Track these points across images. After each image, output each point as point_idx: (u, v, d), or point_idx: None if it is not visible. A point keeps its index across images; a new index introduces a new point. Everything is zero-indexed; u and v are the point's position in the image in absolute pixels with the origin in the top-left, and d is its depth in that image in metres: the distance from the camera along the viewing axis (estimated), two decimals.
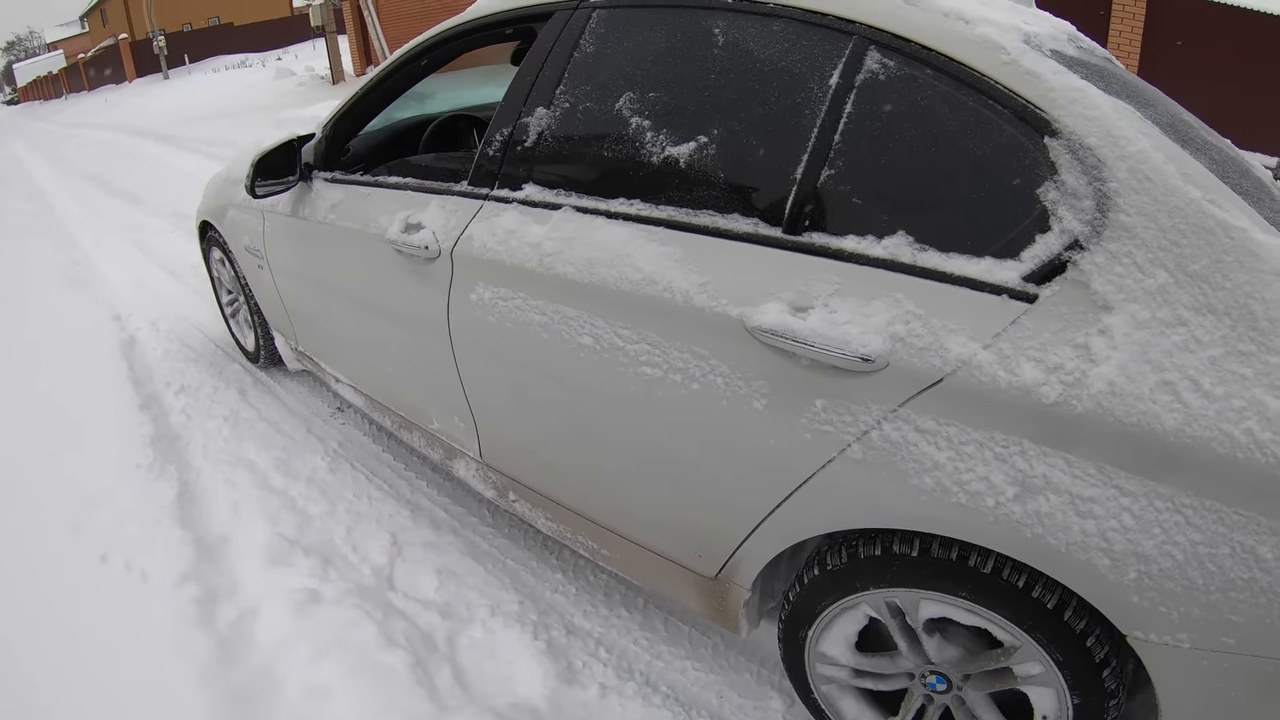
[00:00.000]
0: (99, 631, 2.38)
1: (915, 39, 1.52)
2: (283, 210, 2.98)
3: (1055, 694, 1.51)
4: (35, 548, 2.80)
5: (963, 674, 1.64)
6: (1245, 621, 1.24)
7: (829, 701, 1.87)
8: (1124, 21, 8.76)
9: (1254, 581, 1.22)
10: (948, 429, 1.39)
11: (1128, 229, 1.29)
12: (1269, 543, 1.21)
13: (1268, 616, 1.23)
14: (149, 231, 7.43)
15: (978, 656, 1.61)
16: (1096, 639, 1.41)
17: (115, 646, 2.32)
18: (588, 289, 1.83)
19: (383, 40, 15.12)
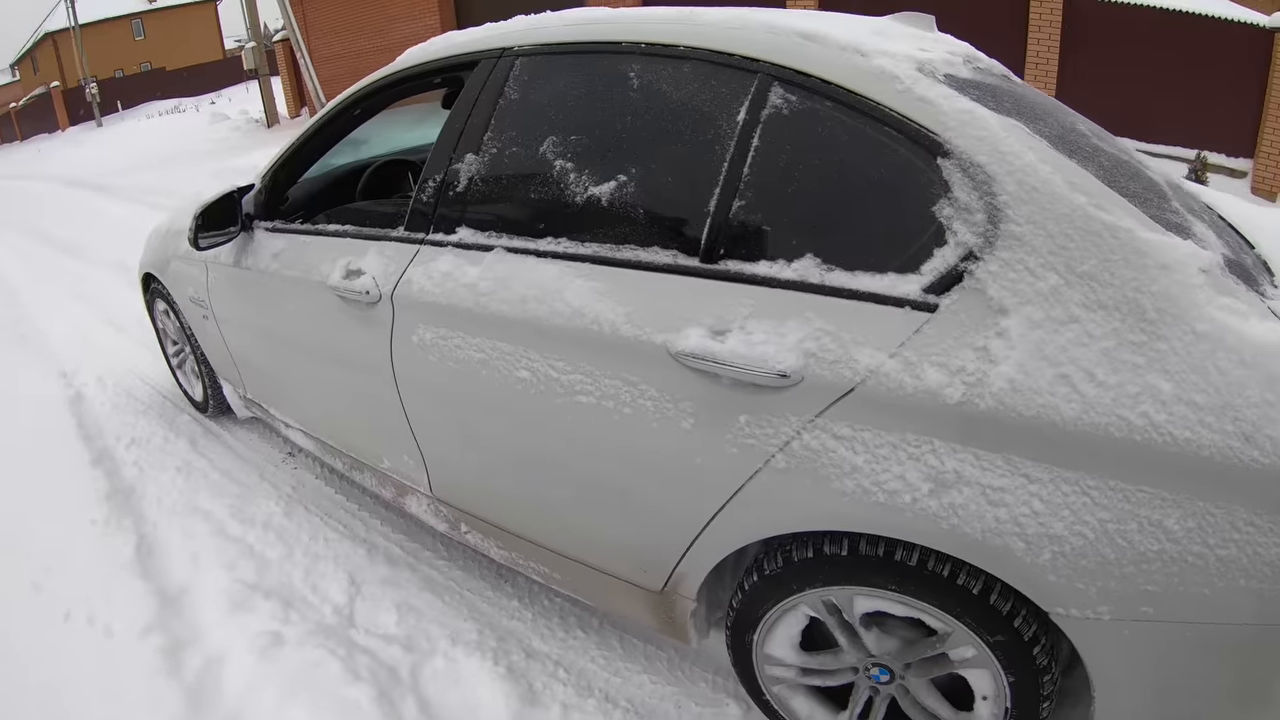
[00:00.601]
0: (69, 688, 2.40)
1: (815, 73, 1.64)
2: (226, 260, 3.03)
3: (991, 675, 1.61)
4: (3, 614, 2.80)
5: (903, 663, 1.73)
6: (1161, 591, 1.34)
7: (781, 702, 1.95)
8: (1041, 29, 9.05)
9: (1164, 552, 1.32)
10: (863, 434, 1.49)
11: (1018, 237, 1.40)
12: (1174, 515, 1.31)
13: (1181, 584, 1.32)
14: (90, 283, 7.37)
15: (915, 645, 1.70)
16: (1024, 619, 1.50)
17: (86, 701, 2.35)
18: (522, 325, 1.92)
19: (316, 82, 15.08)
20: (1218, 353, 1.30)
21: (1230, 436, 1.27)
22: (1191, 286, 1.33)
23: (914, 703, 1.78)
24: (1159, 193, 1.69)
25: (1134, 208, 1.43)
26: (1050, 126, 1.67)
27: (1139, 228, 1.37)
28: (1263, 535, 1.28)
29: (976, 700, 1.68)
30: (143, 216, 10.13)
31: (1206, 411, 1.28)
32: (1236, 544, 1.29)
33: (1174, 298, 1.32)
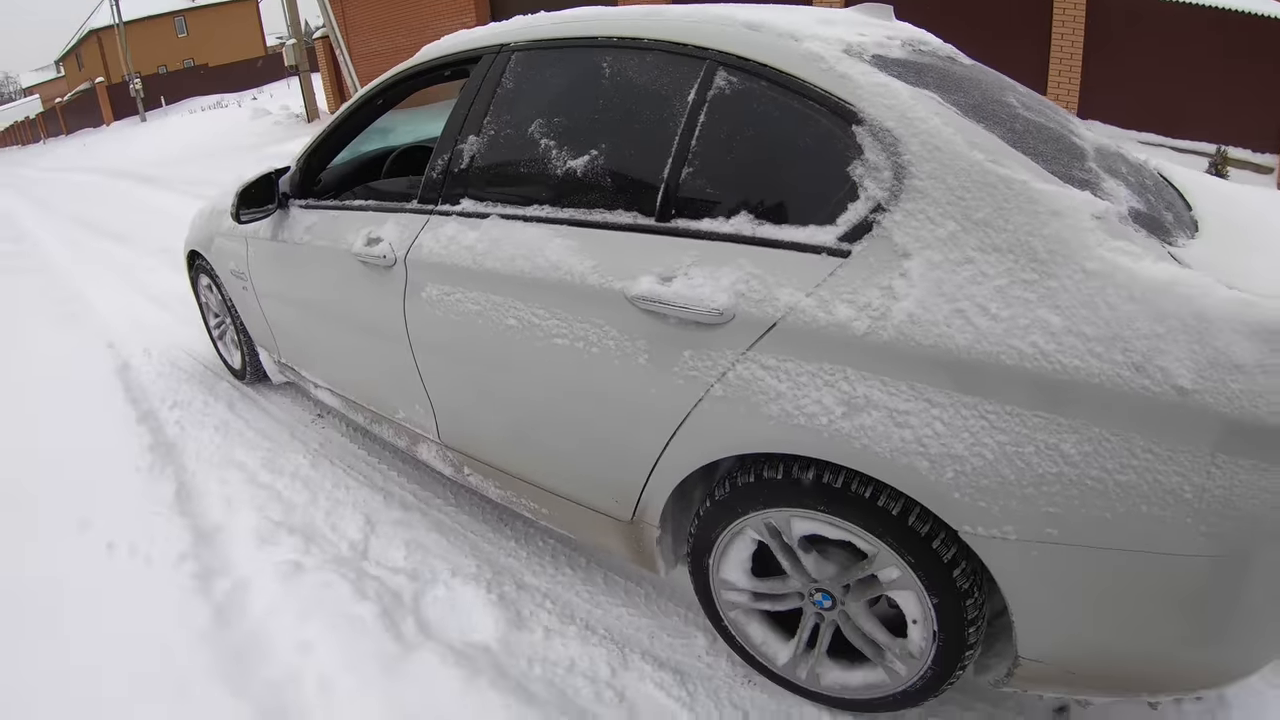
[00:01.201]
0: (109, 605, 2.75)
1: (753, 58, 1.93)
2: (264, 235, 3.40)
3: (915, 596, 1.78)
4: (48, 542, 3.17)
5: (841, 586, 1.95)
6: (1062, 513, 1.49)
7: (738, 628, 2.20)
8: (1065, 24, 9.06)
9: (1062, 475, 1.47)
10: (785, 364, 1.75)
11: (920, 191, 1.65)
12: (1070, 440, 1.46)
13: (1082, 507, 1.47)
14: (136, 268, 7.81)
15: (849, 570, 1.92)
16: (942, 541, 1.68)
17: (124, 616, 2.69)
18: (510, 279, 2.24)
19: (355, 77, 15.58)
20: (1107, 289, 1.45)
21: (1120, 366, 1.41)
22: (1082, 230, 1.51)
23: (855, 629, 2.00)
24: (1076, 154, 1.90)
25: (1034, 164, 1.64)
26: (970, 97, 1.91)
27: (1033, 179, 1.58)
28: (1161, 463, 1.41)
29: (909, 625, 1.87)
30: (186, 206, 10.59)
31: (1096, 342, 1.43)
32: (1135, 470, 1.43)
33: (1064, 240, 1.51)
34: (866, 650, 2.00)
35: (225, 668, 2.43)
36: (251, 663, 2.45)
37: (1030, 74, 8.72)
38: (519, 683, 2.28)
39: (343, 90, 20.26)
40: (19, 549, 3.16)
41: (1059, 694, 1.80)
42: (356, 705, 2.24)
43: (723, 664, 2.31)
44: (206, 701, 2.32)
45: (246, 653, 2.49)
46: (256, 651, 2.49)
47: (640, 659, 2.35)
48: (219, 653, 2.49)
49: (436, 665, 2.34)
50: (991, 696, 2.12)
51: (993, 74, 2.33)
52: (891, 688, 1.97)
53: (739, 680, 2.26)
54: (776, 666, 2.16)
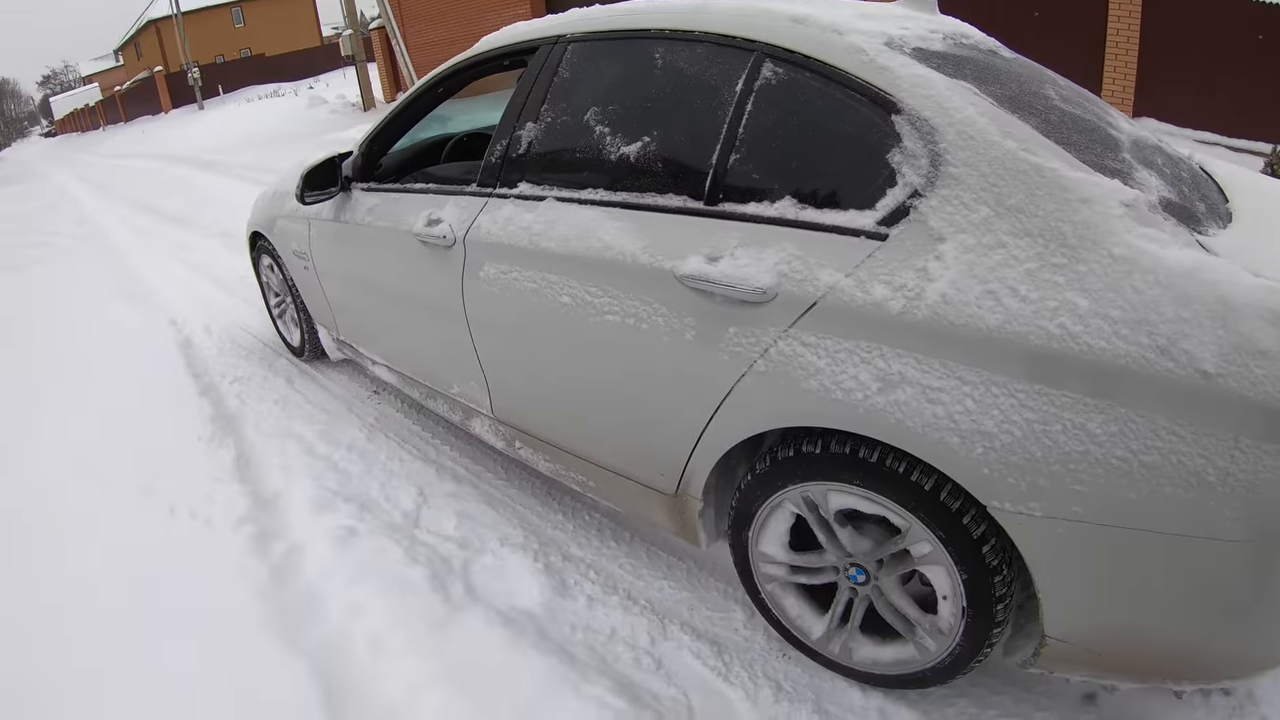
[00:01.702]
0: (170, 565, 2.93)
1: (799, 50, 2.02)
2: (326, 216, 3.56)
3: (946, 571, 1.84)
4: (113, 507, 3.36)
5: (875, 561, 2.01)
6: (1088, 491, 1.53)
7: (774, 601, 2.28)
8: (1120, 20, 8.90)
9: (1088, 454, 1.52)
10: (824, 341, 1.83)
11: (955, 177, 1.73)
12: (1096, 419, 1.51)
13: (1108, 486, 1.51)
14: (197, 250, 8.07)
15: (882, 545, 1.99)
16: (972, 518, 1.73)
17: (184, 574, 2.86)
18: (565, 258, 2.36)
19: (411, 68, 15.84)
20: (1134, 274, 1.50)
21: (1146, 349, 1.46)
22: (1111, 217, 1.56)
23: (887, 604, 2.06)
24: (1110, 145, 1.95)
25: (1066, 153, 1.71)
26: (1007, 89, 1.99)
27: (1064, 167, 1.65)
28: (1185, 445, 1.45)
29: (939, 601, 1.93)
30: (244, 191, 10.88)
31: (1122, 325, 1.48)
32: (1159, 451, 1.46)
33: (1093, 225, 1.57)
34: (898, 625, 2.06)
35: (280, 624, 2.58)
36: (305, 620, 2.60)
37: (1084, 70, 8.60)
38: (561, 646, 2.39)
39: (398, 80, 20.61)
40: (90, 511, 3.35)
41: (1085, 677, 1.84)
42: (404, 660, 2.37)
43: (759, 638, 2.40)
44: (261, 655, 2.46)
45: (300, 611, 2.64)
46: (310, 610, 2.64)
47: (679, 630, 2.44)
48: (274, 610, 2.65)
49: (482, 627, 2.46)
50: (1021, 682, 2.17)
51: (1034, 67, 2.40)
52: (921, 664, 2.03)
53: (774, 654, 2.34)
54: (810, 640, 2.23)
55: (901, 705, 2.14)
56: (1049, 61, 2.56)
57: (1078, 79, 2.56)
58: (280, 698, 2.31)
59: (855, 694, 2.19)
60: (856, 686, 2.20)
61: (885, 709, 2.14)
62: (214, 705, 2.31)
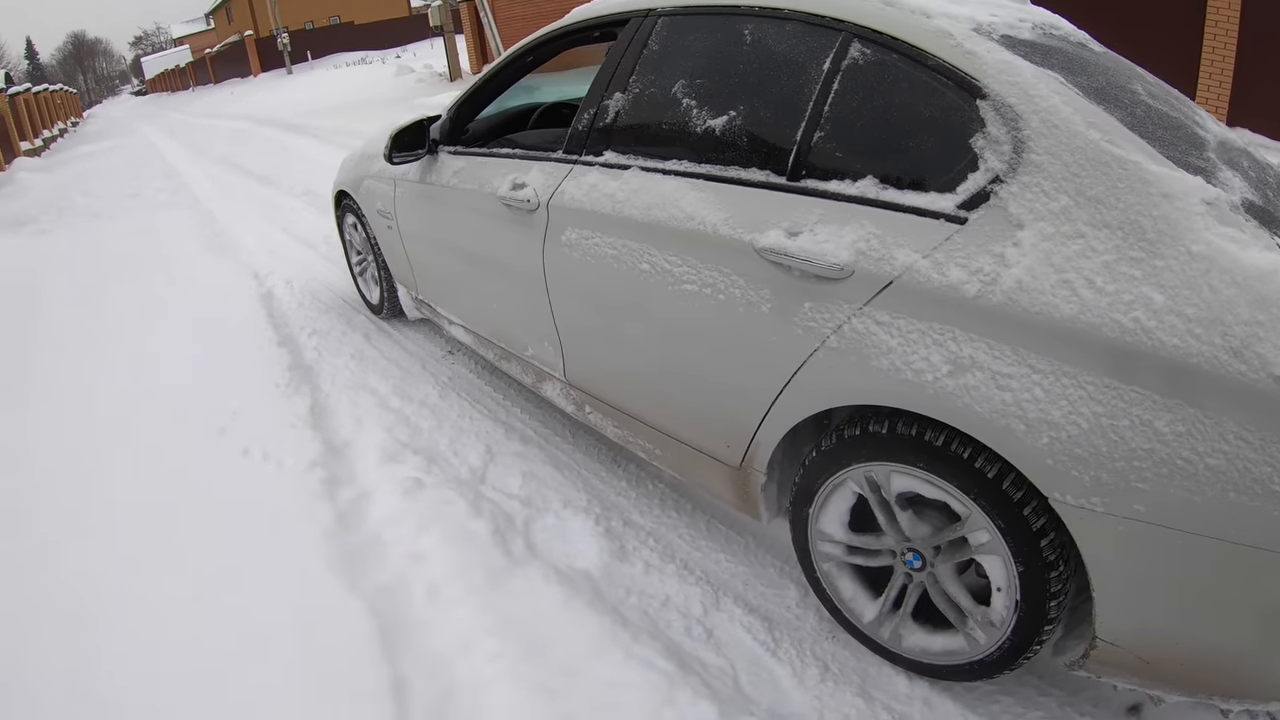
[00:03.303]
0: (239, 502, 3.08)
1: (886, 31, 2.05)
2: (412, 178, 3.68)
3: (1002, 562, 1.85)
4: (189, 445, 3.53)
5: (932, 547, 2.04)
6: (1151, 490, 1.53)
7: (829, 580, 2.31)
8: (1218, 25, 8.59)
9: (1154, 452, 1.52)
10: (898, 321, 1.87)
11: (1038, 165, 1.74)
12: (1164, 418, 1.50)
13: (1170, 486, 1.51)
14: (281, 208, 8.32)
15: (941, 531, 2.01)
16: (1033, 510, 1.74)
17: (253, 511, 3.01)
18: (647, 226, 2.42)
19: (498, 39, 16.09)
20: (1211, 273, 1.49)
21: (1219, 349, 1.44)
22: (1191, 214, 1.56)
23: (941, 592, 2.08)
24: (1195, 144, 1.96)
25: (1149, 147, 1.71)
26: (1093, 81, 2.00)
27: (1147, 161, 1.66)
28: (1253, 451, 1.43)
29: (993, 593, 1.95)
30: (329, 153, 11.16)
31: (1196, 324, 1.47)
32: (1225, 455, 1.45)
33: (1173, 221, 1.56)
34: (950, 614, 2.07)
35: (342, 566, 2.69)
36: (367, 563, 2.71)
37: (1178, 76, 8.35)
38: (615, 607, 2.47)
39: (485, 51, 20.85)
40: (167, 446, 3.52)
41: (1132, 685, 1.83)
42: (460, 608, 2.47)
43: (810, 617, 2.44)
44: (323, 592, 2.58)
45: (363, 554, 2.76)
46: (372, 554, 2.75)
47: (732, 603, 2.49)
48: (338, 552, 2.76)
49: (540, 582, 2.55)
50: (1067, 686, 2.17)
51: (1123, 62, 2.40)
52: (969, 655, 2.05)
53: (824, 635, 2.38)
54: (862, 623, 2.26)
55: (946, 697, 2.16)
56: (1139, 63, 2.54)
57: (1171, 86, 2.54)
58: (338, 635, 2.42)
59: (901, 681, 2.21)
60: (902, 674, 2.23)
61: (930, 699, 2.16)
62: (275, 636, 2.43)
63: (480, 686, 2.21)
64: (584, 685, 2.20)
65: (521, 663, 2.26)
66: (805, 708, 2.15)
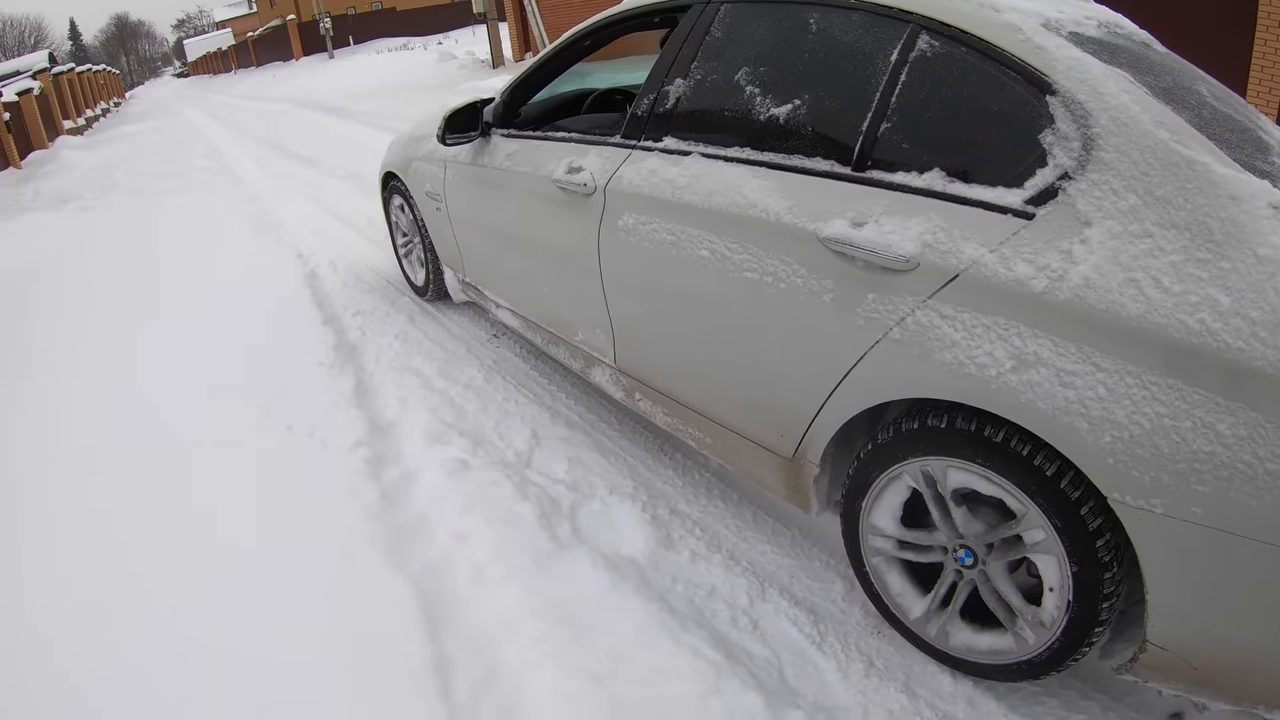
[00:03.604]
0: (283, 477, 3.12)
1: (955, 24, 2.04)
2: (463, 159, 3.69)
3: (1056, 562, 1.83)
4: (232, 420, 3.57)
5: (985, 545, 2.02)
6: (1210, 493, 1.52)
7: (877, 575, 2.30)
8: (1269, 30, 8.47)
9: (1214, 455, 1.51)
10: (963, 314, 1.85)
11: (1106, 163, 1.73)
12: (1226, 421, 1.49)
13: (1230, 490, 1.49)
14: (324, 190, 8.40)
15: (995, 529, 2.00)
16: (1090, 510, 1.73)
17: (296, 487, 3.05)
18: (707, 213, 2.41)
19: (542, 28, 16.15)
20: (1277, 276, 1.49)
21: None
22: (1259, 217, 1.55)
23: (991, 590, 2.07)
24: (1261, 148, 1.94)
25: (1217, 149, 1.70)
26: (1160, 81, 1.98)
27: (1215, 163, 1.65)
28: None
29: (1045, 593, 1.93)
30: (372, 137, 11.24)
31: (1261, 327, 1.46)
32: None
33: (1240, 224, 1.57)
34: (999, 613, 2.06)
35: (387, 543, 2.73)
36: (411, 542, 2.74)
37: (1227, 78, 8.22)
38: (661, 595, 2.47)
39: (528, 38, 20.93)
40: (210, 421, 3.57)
41: (1178, 691, 1.81)
42: (505, 589, 2.48)
43: (856, 612, 2.43)
44: (367, 569, 2.61)
45: (408, 533, 2.78)
46: (417, 533, 2.78)
47: (778, 595, 2.49)
48: (382, 530, 2.79)
49: (586, 566, 2.55)
50: (1112, 690, 2.15)
51: (1185, 64, 2.37)
52: (1016, 655, 2.04)
53: (869, 630, 2.37)
54: (909, 620, 2.25)
55: (990, 697, 2.15)
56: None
57: None
58: (381, 611, 2.45)
59: (945, 679, 2.20)
60: (947, 672, 2.22)
61: (973, 698, 2.15)
62: (317, 609, 2.47)
63: (524, 667, 2.22)
64: (630, 670, 2.20)
65: (567, 646, 2.27)
66: (850, 702, 2.15)
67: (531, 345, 4.00)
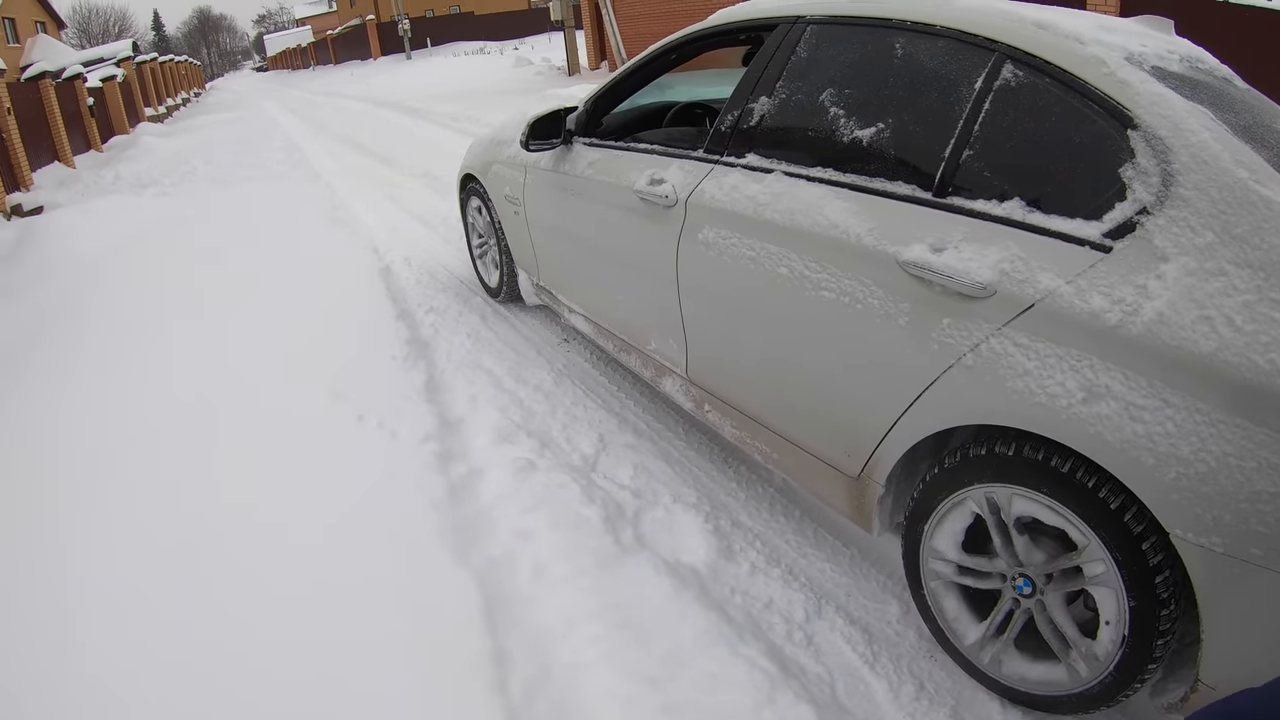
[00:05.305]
0: (352, 465, 3.24)
1: (1040, 55, 2.08)
2: (545, 166, 3.80)
3: (1115, 596, 1.83)
4: (304, 409, 3.71)
5: (1045, 574, 2.04)
6: (1271, 534, 1.51)
7: (935, 599, 2.33)
8: None
9: (1277, 497, 1.50)
10: (1037, 344, 1.88)
11: (1185, 200, 1.76)
12: None
13: None
14: (400, 187, 8.60)
15: (1056, 559, 2.01)
16: (1152, 545, 1.74)
17: (364, 476, 3.16)
18: (788, 231, 2.47)
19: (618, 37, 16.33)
20: None
21: None
22: None
23: (1047, 621, 2.08)
24: None
25: None
26: (1241, 119, 2.00)
27: None
28: None
29: (1100, 626, 1.94)
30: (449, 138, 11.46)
31: None
32: None
33: None
34: (1054, 644, 2.06)
35: (451, 538, 2.82)
36: (476, 537, 2.83)
37: None
38: (720, 605, 2.52)
39: (604, 47, 21.14)
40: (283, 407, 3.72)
41: None
42: (566, 590, 2.56)
43: (910, 635, 2.46)
44: (431, 560, 2.71)
45: (472, 528, 2.88)
46: (481, 529, 2.86)
47: (834, 612, 2.53)
48: (448, 524, 2.90)
49: (650, 572, 2.62)
50: None
51: (1266, 100, 2.38)
52: (1068, 688, 2.05)
53: (922, 653, 2.40)
54: (963, 645, 2.27)
55: None
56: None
57: None
58: (443, 601, 2.54)
59: (994, 707, 2.22)
60: (996, 700, 2.23)
61: None
62: (379, 596, 2.58)
63: (580, 667, 2.29)
64: (686, 676, 2.26)
65: (625, 649, 2.33)
66: None
67: (602, 351, 4.09)
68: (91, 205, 8.62)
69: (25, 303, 5.66)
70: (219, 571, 2.73)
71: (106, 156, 16.09)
